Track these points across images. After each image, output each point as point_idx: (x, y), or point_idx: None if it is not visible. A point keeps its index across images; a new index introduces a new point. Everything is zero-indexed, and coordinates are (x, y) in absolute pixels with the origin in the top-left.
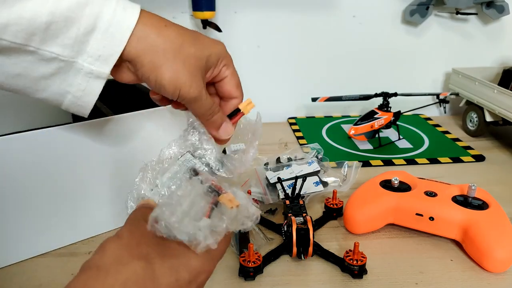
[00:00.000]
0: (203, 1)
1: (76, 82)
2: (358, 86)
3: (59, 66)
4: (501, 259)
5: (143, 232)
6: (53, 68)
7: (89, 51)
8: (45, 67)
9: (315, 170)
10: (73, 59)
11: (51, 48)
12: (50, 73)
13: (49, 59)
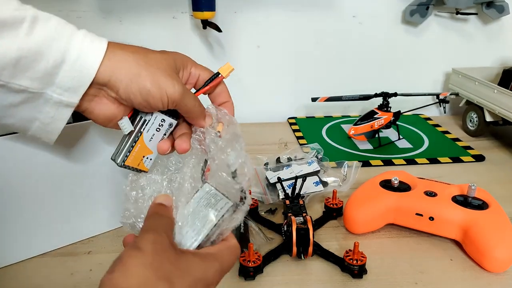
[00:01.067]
0: (203, 1)
1: (45, 110)
2: (358, 86)
3: (28, 97)
4: (501, 259)
5: (164, 246)
6: (22, 98)
7: (58, 83)
8: (14, 97)
9: (315, 170)
10: (42, 90)
11: (20, 81)
12: (19, 101)
13: (18, 91)
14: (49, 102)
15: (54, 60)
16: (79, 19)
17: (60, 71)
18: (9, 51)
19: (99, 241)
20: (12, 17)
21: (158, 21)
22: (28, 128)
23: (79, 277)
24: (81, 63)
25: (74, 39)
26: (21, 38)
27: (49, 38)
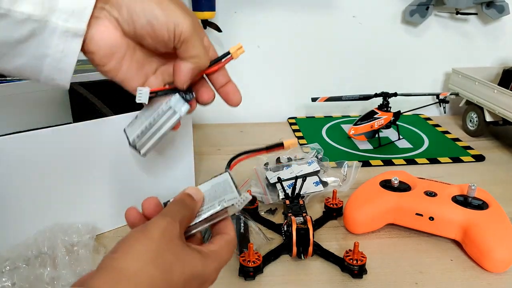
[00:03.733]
0: (203, 1)
1: (53, 43)
2: (358, 86)
3: (33, 27)
4: (501, 259)
5: (172, 236)
6: (28, 30)
7: (61, 7)
8: (20, 29)
9: (315, 170)
10: (45, 17)
11: (21, 7)
12: (25, 35)
13: (21, 21)
14: (55, 33)
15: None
16: None
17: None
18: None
19: (100, 240)
20: None
21: None
22: (40, 68)
23: None
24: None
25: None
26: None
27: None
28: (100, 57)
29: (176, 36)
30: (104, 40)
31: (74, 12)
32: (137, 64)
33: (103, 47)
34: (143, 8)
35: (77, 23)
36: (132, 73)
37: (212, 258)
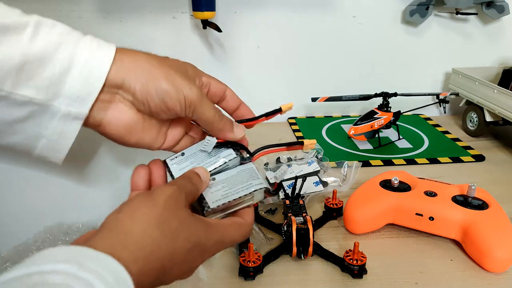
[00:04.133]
0: (203, 1)
1: (52, 125)
2: (358, 86)
3: (33, 110)
4: (501, 259)
5: (178, 203)
6: (27, 111)
7: (66, 92)
8: (19, 111)
9: (315, 170)
10: (49, 102)
11: (24, 91)
12: (24, 116)
13: (22, 103)
14: (56, 116)
15: (60, 65)
16: (79, 19)
17: (67, 78)
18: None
19: None
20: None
21: (158, 21)
22: (34, 147)
23: None
24: (90, 67)
25: (81, 44)
26: (25, 43)
27: (54, 43)
28: (120, 135)
29: (187, 107)
30: (122, 119)
31: (78, 97)
32: (155, 129)
33: (121, 126)
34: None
35: (80, 108)
36: (153, 137)
37: (215, 229)
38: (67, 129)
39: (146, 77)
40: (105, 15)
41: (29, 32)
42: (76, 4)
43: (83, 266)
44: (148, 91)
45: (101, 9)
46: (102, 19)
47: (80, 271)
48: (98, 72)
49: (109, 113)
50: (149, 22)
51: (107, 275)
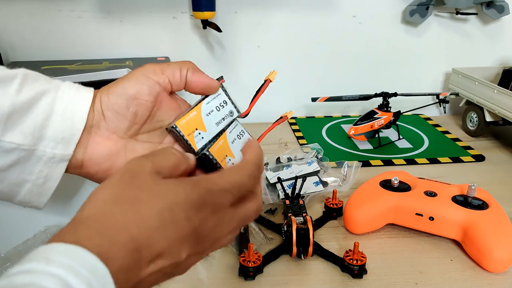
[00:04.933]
0: (203, 1)
1: (37, 170)
2: (358, 86)
3: (20, 156)
4: (501, 259)
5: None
6: (13, 158)
7: (50, 135)
8: (4, 159)
9: (315, 170)
10: (34, 146)
11: (11, 138)
12: (8, 164)
13: (9, 150)
14: (41, 160)
15: (43, 111)
16: (79, 19)
17: (50, 122)
18: (1, 106)
19: None
20: (5, 74)
21: (158, 21)
22: (16, 194)
23: None
24: (71, 111)
25: (60, 90)
26: (13, 93)
27: (38, 92)
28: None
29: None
30: (102, 152)
31: (63, 139)
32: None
33: (102, 160)
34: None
35: (65, 150)
36: None
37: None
38: (52, 172)
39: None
40: (105, 15)
41: (16, 83)
42: (76, 4)
43: (52, 262)
44: (110, 101)
45: (101, 9)
46: (102, 19)
47: (49, 267)
48: (79, 113)
49: (88, 150)
50: (149, 22)
51: (79, 268)
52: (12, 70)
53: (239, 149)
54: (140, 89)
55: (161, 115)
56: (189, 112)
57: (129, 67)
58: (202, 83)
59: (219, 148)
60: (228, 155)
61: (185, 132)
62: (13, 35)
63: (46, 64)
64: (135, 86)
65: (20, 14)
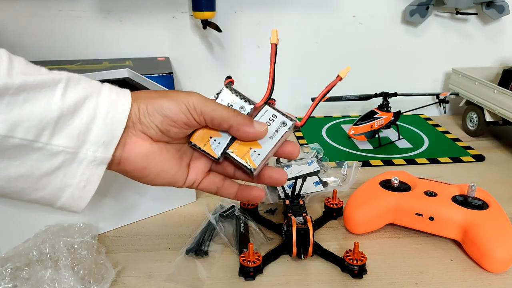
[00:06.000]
0: (203, 1)
1: (79, 173)
2: (358, 86)
3: (64, 159)
4: (501, 259)
5: None
6: (58, 162)
7: (92, 139)
8: (50, 163)
9: (315, 170)
10: (77, 149)
11: (58, 141)
12: (54, 167)
13: (55, 153)
14: (83, 163)
15: (87, 115)
16: (79, 19)
17: (93, 126)
18: (51, 110)
19: (102, 241)
20: (51, 79)
21: (158, 21)
22: (57, 199)
23: None
24: (112, 115)
25: (102, 94)
26: (59, 98)
27: (82, 96)
28: (140, 170)
29: (192, 112)
30: (138, 153)
31: (104, 142)
32: (175, 159)
33: (139, 160)
34: (154, 107)
35: (105, 153)
36: (174, 168)
37: None
38: (93, 175)
39: (146, 103)
40: (105, 15)
41: (61, 87)
42: (76, 4)
43: None
44: (148, 113)
45: (101, 9)
46: (102, 19)
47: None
48: (119, 118)
49: (126, 149)
50: (149, 22)
51: None
52: (56, 74)
53: (269, 136)
54: (179, 118)
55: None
56: None
57: (129, 67)
58: None
59: (241, 143)
60: (252, 147)
61: (201, 144)
62: (13, 35)
63: (46, 64)
64: (175, 112)
65: (20, 14)
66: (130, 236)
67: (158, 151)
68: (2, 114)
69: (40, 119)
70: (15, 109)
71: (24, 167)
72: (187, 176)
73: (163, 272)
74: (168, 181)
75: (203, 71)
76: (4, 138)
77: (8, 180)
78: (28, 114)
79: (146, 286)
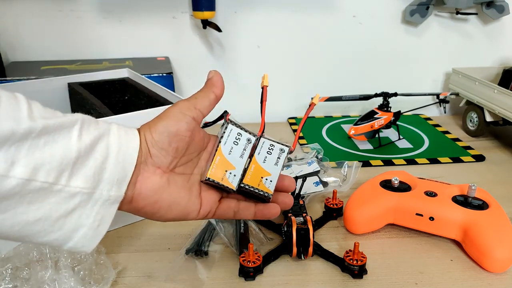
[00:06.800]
0: (203, 1)
1: (94, 213)
2: (358, 86)
3: (81, 200)
4: (501, 259)
5: None
6: (75, 203)
7: (106, 178)
8: (67, 204)
9: (315, 170)
10: (93, 190)
11: (76, 182)
12: (71, 209)
13: (73, 195)
14: (97, 203)
15: (101, 155)
16: (79, 19)
17: (107, 165)
18: (70, 152)
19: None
20: (68, 120)
21: (158, 21)
22: (68, 240)
23: None
24: (123, 153)
25: (112, 133)
26: (75, 139)
27: (96, 137)
28: (152, 205)
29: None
30: (150, 187)
31: (117, 180)
32: (185, 189)
33: (151, 194)
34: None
35: (118, 191)
36: (186, 198)
37: None
38: (106, 214)
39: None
40: (105, 15)
41: (77, 129)
42: (76, 4)
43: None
44: (155, 140)
45: (101, 9)
46: (102, 19)
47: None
48: (130, 153)
49: (137, 185)
50: (149, 22)
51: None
52: (72, 116)
53: (274, 163)
54: (180, 126)
55: (193, 148)
56: (214, 159)
57: (129, 67)
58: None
59: (252, 174)
60: (263, 175)
61: (218, 179)
62: (13, 35)
63: (46, 64)
64: (175, 124)
65: (20, 14)
66: (130, 236)
67: (167, 183)
68: (24, 158)
69: (61, 161)
70: (36, 152)
71: (42, 210)
72: (201, 207)
73: (163, 272)
74: (181, 213)
75: (203, 71)
76: (26, 182)
77: (26, 225)
78: (49, 157)
79: (146, 286)
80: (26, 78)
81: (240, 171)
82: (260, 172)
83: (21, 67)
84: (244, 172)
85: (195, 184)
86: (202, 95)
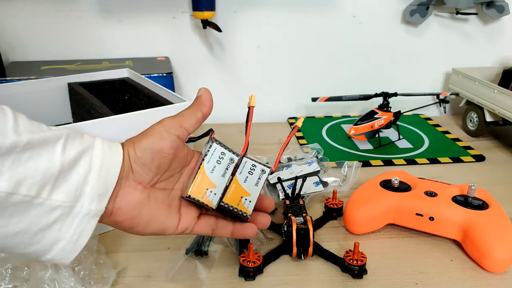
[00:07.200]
0: (203, 1)
1: (73, 226)
2: (358, 86)
3: (61, 213)
4: (501, 259)
5: None
6: (55, 216)
7: (88, 192)
8: (47, 218)
9: (315, 170)
10: (74, 203)
11: (57, 196)
12: (51, 222)
13: (53, 208)
14: (78, 216)
15: (83, 170)
16: (78, 19)
17: (89, 179)
18: (53, 166)
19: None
20: (53, 134)
21: (158, 21)
22: (47, 253)
23: None
24: (106, 168)
25: (95, 148)
26: (59, 153)
27: (80, 151)
28: (131, 219)
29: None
30: (130, 202)
31: (99, 195)
32: (165, 205)
33: (130, 209)
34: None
35: (99, 205)
36: (164, 214)
37: None
38: (86, 228)
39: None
40: (104, 15)
41: (61, 143)
42: (76, 4)
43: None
44: (138, 156)
45: (101, 9)
46: (102, 19)
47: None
48: (112, 168)
49: (118, 200)
50: (149, 22)
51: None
52: (57, 131)
53: (254, 183)
54: (163, 144)
55: (176, 164)
56: (196, 177)
57: (129, 67)
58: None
59: (232, 193)
60: (243, 195)
61: (199, 196)
62: (13, 35)
63: (46, 64)
64: (159, 142)
65: (20, 14)
66: (130, 236)
67: (148, 199)
68: (8, 172)
69: (43, 175)
70: (20, 166)
71: (22, 224)
72: (179, 223)
73: (163, 272)
74: (159, 228)
75: (203, 71)
76: (8, 195)
77: (5, 238)
78: (32, 171)
79: (146, 286)
80: (26, 78)
81: (221, 190)
82: (240, 192)
83: (21, 67)
84: (225, 191)
85: (175, 199)
86: (189, 113)
